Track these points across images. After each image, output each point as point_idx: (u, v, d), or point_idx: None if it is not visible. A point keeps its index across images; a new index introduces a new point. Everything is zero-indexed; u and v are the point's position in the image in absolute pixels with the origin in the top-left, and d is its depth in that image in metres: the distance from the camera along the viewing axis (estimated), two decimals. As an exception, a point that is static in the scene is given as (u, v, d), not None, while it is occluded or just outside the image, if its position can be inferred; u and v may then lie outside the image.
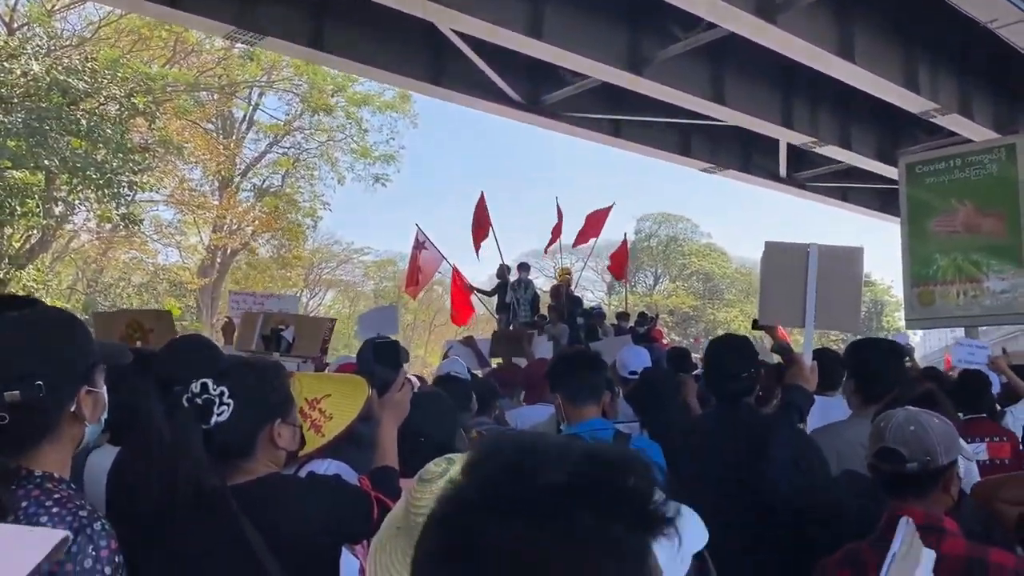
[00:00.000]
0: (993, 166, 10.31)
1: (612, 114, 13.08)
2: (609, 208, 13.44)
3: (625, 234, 15.24)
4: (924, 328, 10.84)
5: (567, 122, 12.83)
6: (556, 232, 13.20)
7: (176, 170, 22.77)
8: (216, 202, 24.54)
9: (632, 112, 12.94)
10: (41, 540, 1.00)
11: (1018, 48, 9.32)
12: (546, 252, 14.16)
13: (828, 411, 3.29)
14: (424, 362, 28.50)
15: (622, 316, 12.81)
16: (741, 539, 2.34)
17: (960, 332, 10.85)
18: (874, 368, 3.08)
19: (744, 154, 15.51)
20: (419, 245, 11.42)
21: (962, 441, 2.05)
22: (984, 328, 11.93)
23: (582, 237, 13.59)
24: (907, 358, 6.57)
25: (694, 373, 5.09)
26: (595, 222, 13.40)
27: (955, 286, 10.68)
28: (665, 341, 14.60)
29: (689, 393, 4.30)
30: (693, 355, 7.31)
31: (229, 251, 25.74)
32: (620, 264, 15.20)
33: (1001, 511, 2.04)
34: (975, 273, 10.49)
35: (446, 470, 1.18)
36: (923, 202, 11.15)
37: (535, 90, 12.29)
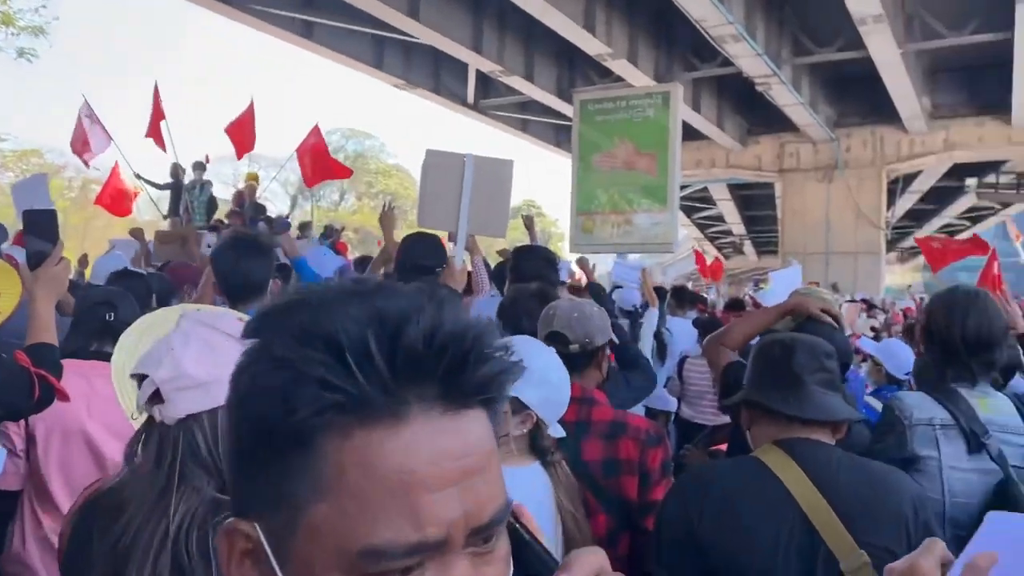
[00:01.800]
0: (651, 110, 11.56)
1: (304, 14, 12.49)
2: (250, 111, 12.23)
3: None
4: (585, 252, 11.99)
5: (254, 15, 12.01)
6: (238, 134, 12.15)
7: None
8: None
9: (326, 15, 12.46)
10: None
11: (678, 5, 10.41)
12: (240, 156, 12.93)
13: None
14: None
15: (305, 227, 12.52)
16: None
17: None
18: (529, 272, 3.35)
19: (435, 75, 15.75)
20: (90, 115, 9.95)
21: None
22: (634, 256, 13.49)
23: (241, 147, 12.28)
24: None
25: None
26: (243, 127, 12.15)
27: (611, 217, 11.93)
28: (350, 256, 14.47)
29: None
30: None
31: None
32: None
33: (714, 361, 2.35)
34: (626, 208, 11.79)
35: None
36: (591, 139, 12.22)
37: (221, -24, 11.33)
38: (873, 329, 9.21)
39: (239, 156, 12.19)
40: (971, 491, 2.18)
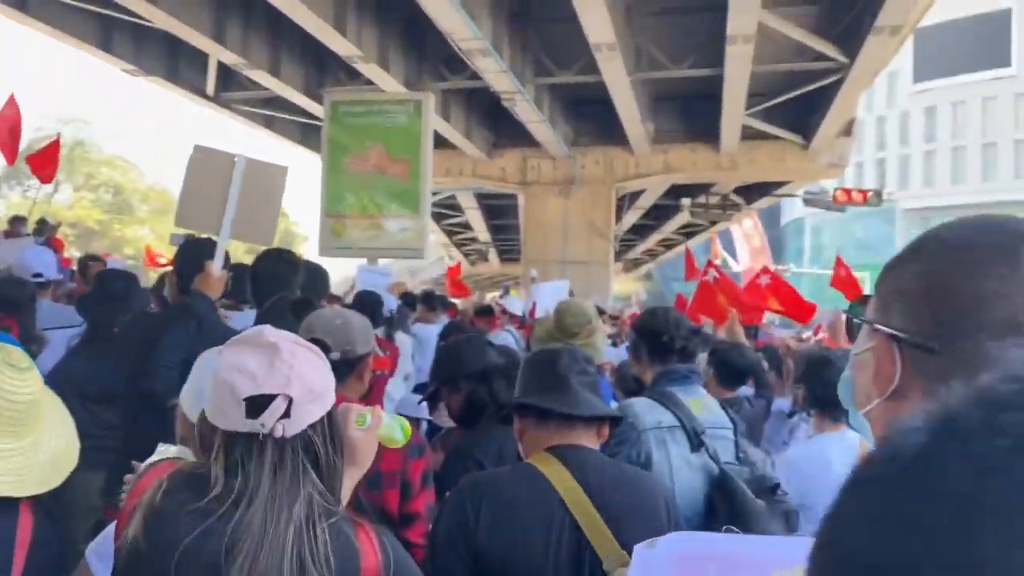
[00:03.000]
0: (403, 117, 11.63)
1: (15, -18, 11.12)
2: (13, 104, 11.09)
3: (59, 134, 12.99)
4: (335, 256, 11.83)
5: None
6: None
7: None
8: None
9: (43, -14, 11.19)
10: None
11: (429, 16, 10.56)
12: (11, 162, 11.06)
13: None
14: None
15: (18, 221, 11.09)
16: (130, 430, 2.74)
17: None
18: (271, 279, 3.27)
19: (171, 63, 14.69)
20: None
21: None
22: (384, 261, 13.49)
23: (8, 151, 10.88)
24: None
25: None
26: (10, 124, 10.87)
27: (361, 221, 11.84)
28: (67, 255, 13.09)
29: None
30: None
31: None
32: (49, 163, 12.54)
33: None
34: (376, 212, 11.76)
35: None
36: (342, 140, 12.04)
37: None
38: (608, 336, 9.89)
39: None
40: (695, 487, 2.42)
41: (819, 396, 3.19)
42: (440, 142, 15.76)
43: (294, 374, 1.30)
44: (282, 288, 3.18)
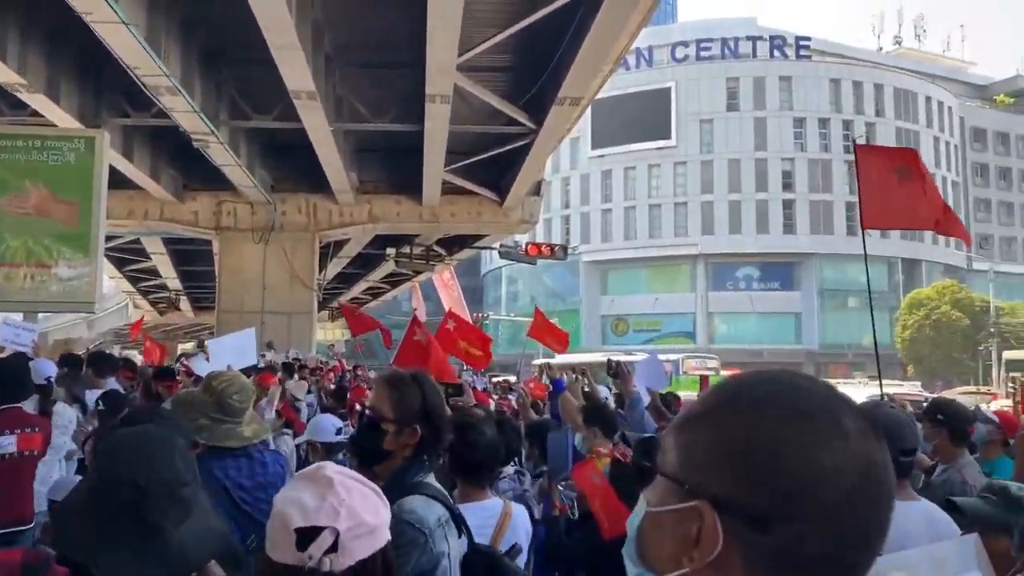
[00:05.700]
0: (72, 155, 10.42)
1: None
2: None
3: None
4: (-18, 309, 10.25)
5: None
6: None
7: None
8: None
9: None
10: None
11: (109, 47, 9.65)
12: None
13: None
14: None
15: None
16: None
17: (19, 316, 10.57)
18: None
19: None
20: None
21: None
22: (42, 315, 11.95)
23: None
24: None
25: None
26: None
27: (23, 269, 10.39)
28: None
29: None
30: None
31: None
32: None
33: None
34: (45, 258, 10.40)
35: None
36: (-3, 177, 10.54)
37: None
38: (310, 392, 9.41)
39: None
40: (456, 570, 2.24)
41: (463, 461, 2.99)
42: (122, 182, 14.45)
43: (344, 508, 1.33)
44: None
